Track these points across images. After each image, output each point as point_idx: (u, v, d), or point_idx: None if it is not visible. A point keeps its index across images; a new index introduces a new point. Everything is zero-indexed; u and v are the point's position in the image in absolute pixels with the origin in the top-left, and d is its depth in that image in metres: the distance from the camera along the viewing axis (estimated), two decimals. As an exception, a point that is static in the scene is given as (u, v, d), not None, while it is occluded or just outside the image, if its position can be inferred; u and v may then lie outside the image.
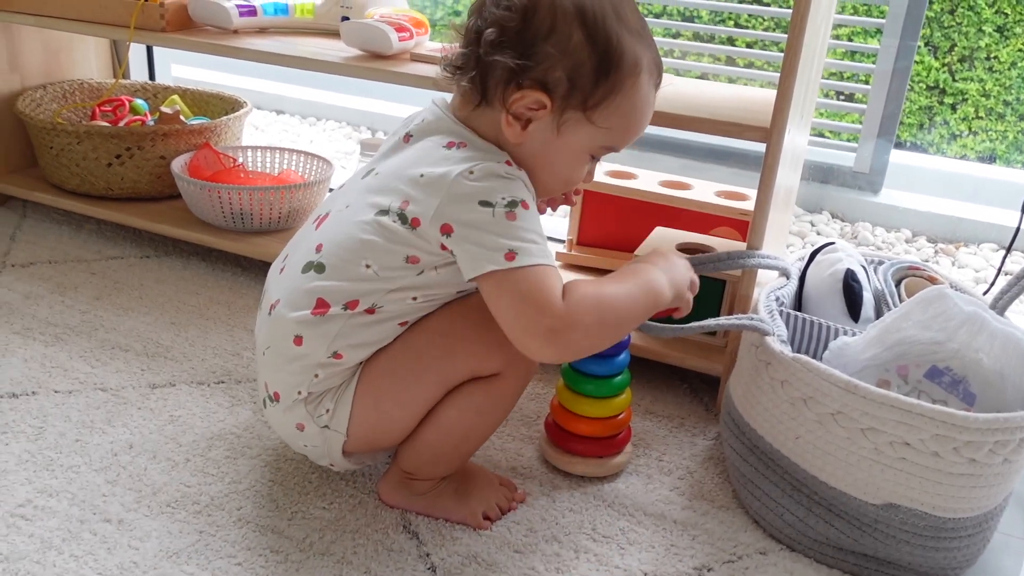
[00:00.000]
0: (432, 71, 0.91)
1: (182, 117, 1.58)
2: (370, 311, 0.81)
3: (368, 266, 0.80)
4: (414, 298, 0.82)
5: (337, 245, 0.82)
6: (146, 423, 1.03)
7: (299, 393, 0.84)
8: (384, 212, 0.80)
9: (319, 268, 0.82)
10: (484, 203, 0.76)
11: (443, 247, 0.78)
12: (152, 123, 1.60)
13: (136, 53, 1.92)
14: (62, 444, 0.98)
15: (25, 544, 0.83)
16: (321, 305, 0.81)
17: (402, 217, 0.79)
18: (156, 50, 1.97)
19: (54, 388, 1.08)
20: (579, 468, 0.97)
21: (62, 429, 1.00)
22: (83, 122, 1.61)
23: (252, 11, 1.38)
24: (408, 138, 0.86)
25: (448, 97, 0.87)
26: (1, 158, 1.62)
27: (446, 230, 0.77)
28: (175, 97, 1.69)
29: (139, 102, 1.66)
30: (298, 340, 0.82)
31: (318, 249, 0.83)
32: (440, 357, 0.82)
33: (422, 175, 0.79)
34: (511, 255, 0.75)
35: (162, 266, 1.44)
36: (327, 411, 0.84)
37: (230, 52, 1.32)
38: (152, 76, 1.96)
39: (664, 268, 0.86)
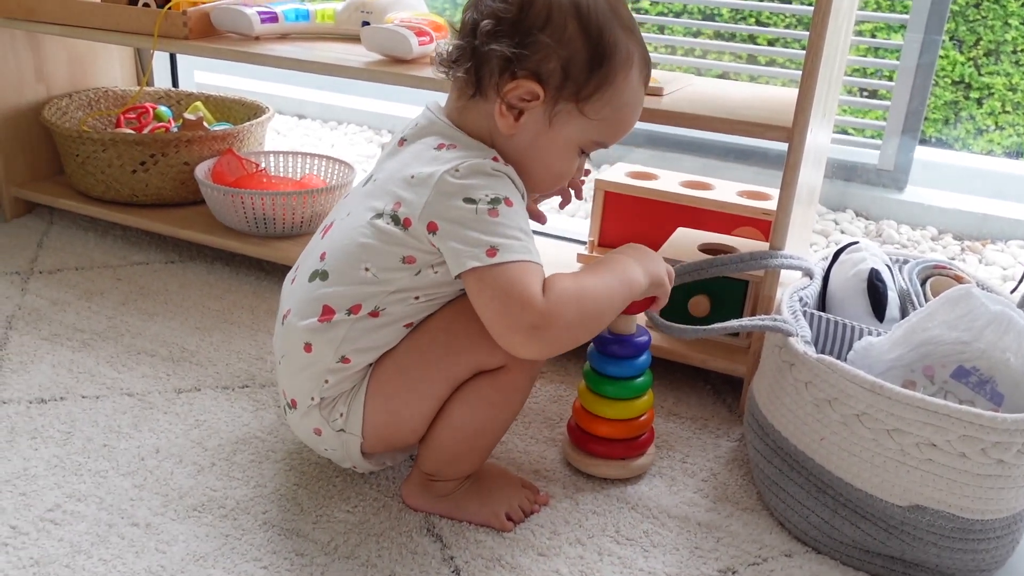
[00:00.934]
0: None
1: (205, 123, 1.59)
2: (374, 314, 0.82)
3: (367, 269, 0.81)
4: (416, 298, 0.83)
5: (339, 251, 0.84)
6: (172, 428, 1.04)
7: (312, 399, 0.85)
8: (379, 215, 0.81)
9: (323, 276, 0.84)
10: (468, 200, 0.77)
11: (432, 245, 0.79)
12: (176, 130, 1.62)
13: (159, 60, 1.94)
14: (90, 449, 0.99)
15: (55, 548, 0.84)
16: (327, 312, 0.83)
17: (395, 218, 0.80)
18: (179, 57, 1.99)
19: (81, 393, 1.10)
20: (602, 470, 0.97)
21: (90, 434, 1.02)
22: (108, 130, 1.63)
23: (274, 17, 1.39)
24: (403, 142, 0.87)
25: (443, 102, 0.89)
26: (28, 166, 1.64)
27: (432, 228, 0.78)
28: (198, 104, 1.71)
29: (163, 109, 1.67)
30: (308, 347, 0.84)
31: (322, 257, 0.85)
32: (443, 354, 0.83)
33: (413, 176, 0.80)
34: (492, 251, 0.76)
35: (187, 271, 1.46)
36: (341, 415, 0.85)
37: (252, 59, 1.33)
38: (175, 83, 1.98)
39: (637, 257, 0.86)
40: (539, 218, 0.98)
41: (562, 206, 0.99)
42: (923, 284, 1.04)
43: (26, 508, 0.89)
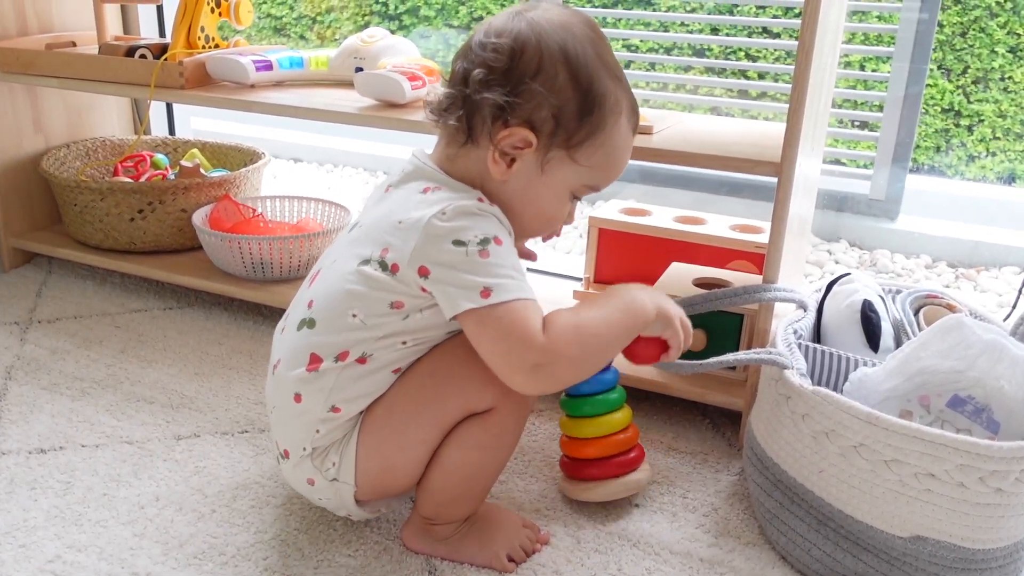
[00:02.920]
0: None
1: (202, 170, 1.61)
2: (361, 360, 0.82)
3: (355, 315, 0.82)
4: (403, 343, 0.83)
5: (326, 299, 0.84)
6: (172, 475, 1.04)
7: (304, 449, 0.85)
8: (366, 261, 0.82)
9: (311, 324, 0.84)
10: (457, 242, 0.78)
11: (423, 289, 0.80)
12: (173, 177, 1.64)
13: (156, 108, 1.96)
14: (89, 498, 0.99)
15: (54, 600, 0.84)
16: (314, 360, 0.83)
17: (382, 264, 0.81)
18: (175, 105, 2.01)
19: (81, 442, 1.10)
20: (599, 493, 0.97)
21: (89, 483, 1.01)
22: (106, 179, 1.65)
23: (268, 66, 1.41)
24: (389, 189, 0.88)
25: (429, 148, 0.90)
26: (27, 216, 1.66)
27: (423, 272, 0.79)
28: (194, 151, 1.73)
29: (160, 157, 1.69)
30: (297, 397, 0.84)
31: (310, 305, 0.85)
32: (432, 398, 0.83)
33: (400, 221, 0.81)
34: (487, 292, 0.77)
35: (185, 317, 1.46)
36: (333, 464, 0.85)
37: (248, 107, 1.35)
38: (172, 130, 2.01)
39: (642, 288, 0.87)
40: (530, 256, 0.99)
41: (545, 239, 1.00)
42: (916, 314, 1.05)
43: (26, 560, 0.89)
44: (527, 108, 0.81)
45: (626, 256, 1.36)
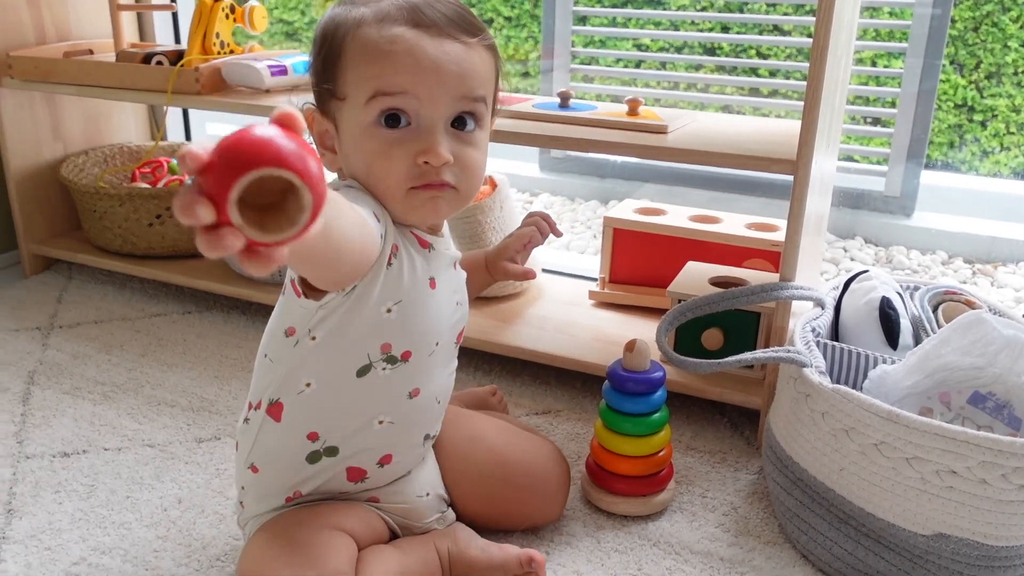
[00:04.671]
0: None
1: (218, 175, 1.62)
2: (273, 411, 0.81)
3: (266, 355, 0.82)
4: (307, 384, 0.79)
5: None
6: (194, 477, 1.04)
7: (240, 504, 0.87)
8: (283, 291, 0.80)
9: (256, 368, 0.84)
10: None
11: (295, 290, 0.74)
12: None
13: (172, 113, 1.98)
14: (113, 501, 1.00)
15: (81, 602, 0.85)
16: (248, 409, 0.84)
17: (289, 286, 0.77)
18: (191, 110, 2.03)
19: (104, 446, 1.11)
20: (623, 508, 0.97)
21: (112, 486, 1.03)
22: (124, 185, 1.66)
23: (283, 70, 1.42)
24: None
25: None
26: (47, 223, 1.67)
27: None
28: (211, 156, 1.74)
29: (176, 162, 1.71)
30: (237, 445, 0.86)
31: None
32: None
33: None
34: None
35: (204, 321, 1.48)
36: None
37: (264, 111, 1.36)
38: (188, 135, 2.02)
39: None
40: (528, 275, 0.96)
41: (526, 247, 0.96)
42: (935, 310, 1.04)
43: (52, 562, 0.90)
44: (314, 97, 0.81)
45: (641, 256, 1.37)
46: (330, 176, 0.85)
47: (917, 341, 1.00)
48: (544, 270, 1.49)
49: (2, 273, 1.67)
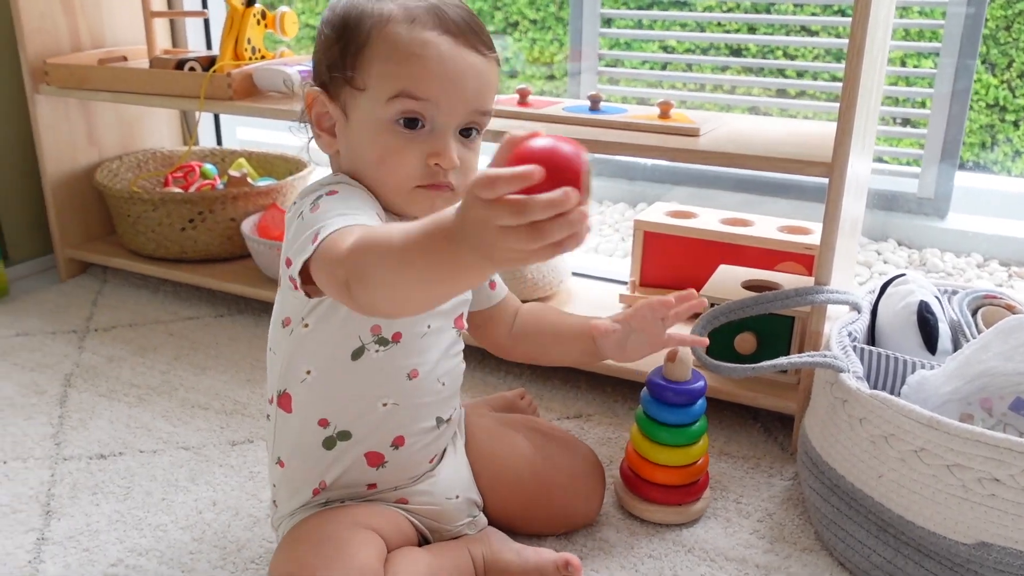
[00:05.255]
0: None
1: (249, 179, 1.63)
2: (283, 402, 0.84)
3: (270, 349, 0.85)
4: (308, 372, 0.82)
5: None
6: (227, 480, 1.05)
7: (275, 505, 0.89)
8: (279, 284, 0.83)
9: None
10: (298, 216, 0.75)
11: (293, 284, 0.73)
12: (221, 187, 1.67)
13: (204, 118, 2.00)
14: (149, 503, 1.01)
15: (119, 604, 0.86)
16: (268, 406, 0.87)
17: (286, 280, 0.76)
18: (223, 115, 2.05)
19: (139, 448, 1.12)
20: (658, 516, 0.96)
21: (148, 488, 1.04)
22: (157, 189, 1.68)
23: (314, 75, 1.43)
24: None
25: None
26: (82, 227, 1.70)
27: (288, 263, 0.74)
28: (242, 160, 1.76)
29: (208, 167, 1.72)
30: (267, 446, 0.90)
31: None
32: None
33: None
34: (315, 237, 0.69)
35: (236, 324, 1.49)
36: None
37: (294, 116, 1.36)
38: (219, 140, 2.04)
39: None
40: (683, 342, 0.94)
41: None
42: (974, 315, 1.03)
43: (90, 564, 0.91)
44: (313, 76, 0.83)
45: (672, 259, 1.36)
46: (322, 158, 0.87)
47: (956, 346, 0.98)
48: (573, 273, 1.49)
49: (39, 277, 1.69)
